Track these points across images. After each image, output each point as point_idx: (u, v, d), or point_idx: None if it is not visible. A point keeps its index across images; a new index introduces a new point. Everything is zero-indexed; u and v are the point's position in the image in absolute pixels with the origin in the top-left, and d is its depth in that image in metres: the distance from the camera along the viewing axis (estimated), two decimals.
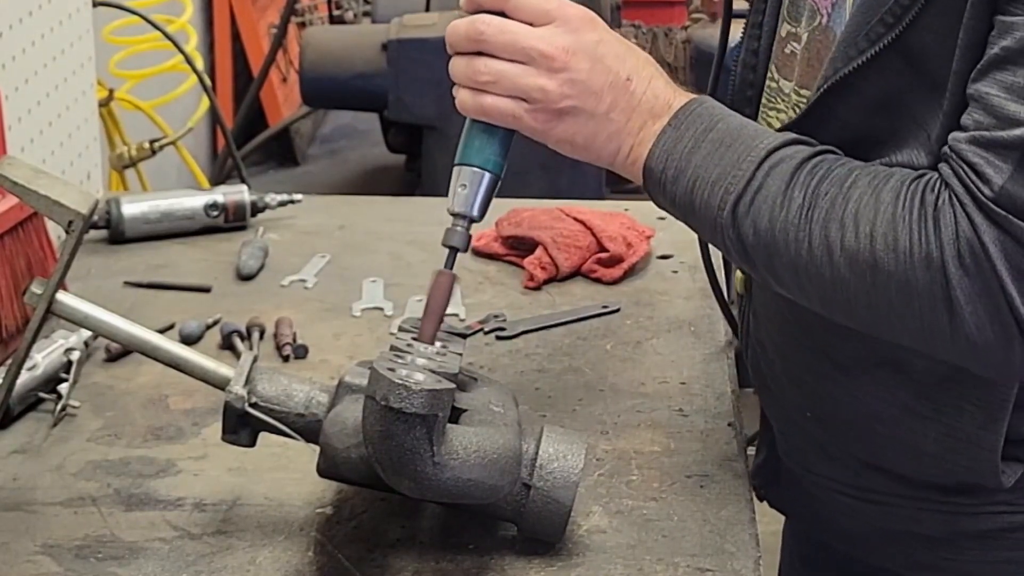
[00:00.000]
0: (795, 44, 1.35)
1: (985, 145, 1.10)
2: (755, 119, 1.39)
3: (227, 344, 1.66)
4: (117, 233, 1.97)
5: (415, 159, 3.44)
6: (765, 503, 1.50)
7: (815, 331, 1.32)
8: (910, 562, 1.40)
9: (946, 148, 1.14)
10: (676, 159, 1.22)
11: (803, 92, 1.32)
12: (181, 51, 2.72)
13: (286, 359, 1.63)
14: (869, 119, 1.22)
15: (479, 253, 1.91)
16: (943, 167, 1.14)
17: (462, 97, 1.23)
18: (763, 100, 1.41)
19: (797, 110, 1.32)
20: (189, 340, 1.66)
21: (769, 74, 1.40)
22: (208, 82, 2.95)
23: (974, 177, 1.11)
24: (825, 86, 1.22)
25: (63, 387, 1.52)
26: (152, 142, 2.96)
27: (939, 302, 1.12)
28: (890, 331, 1.18)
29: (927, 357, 1.25)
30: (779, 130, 1.26)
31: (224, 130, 3.12)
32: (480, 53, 1.21)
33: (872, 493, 1.38)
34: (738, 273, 1.52)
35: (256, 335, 1.66)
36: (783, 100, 1.37)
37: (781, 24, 1.38)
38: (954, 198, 1.11)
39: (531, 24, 1.21)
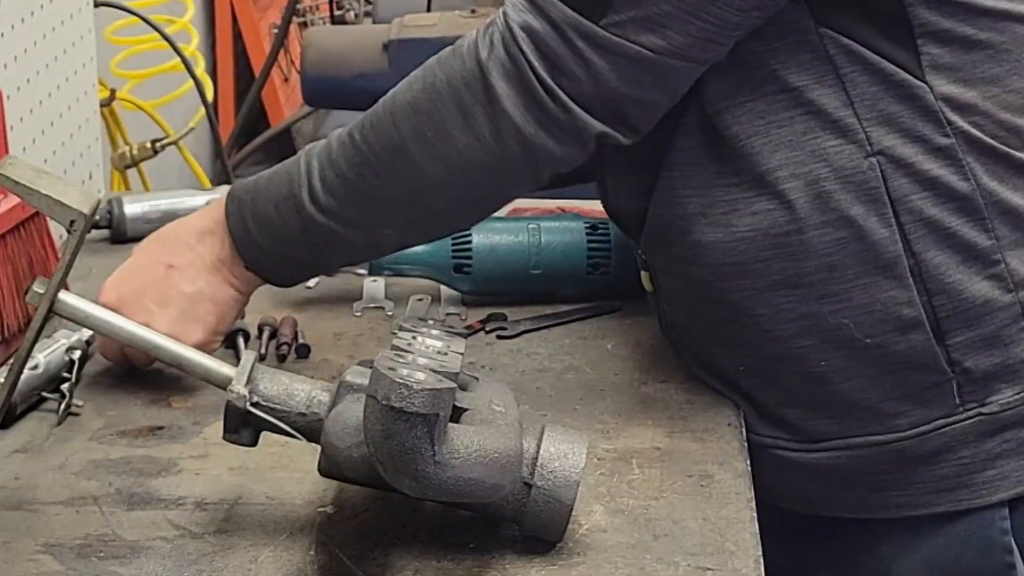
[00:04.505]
0: None
1: None
2: None
3: (229, 343, 1.66)
4: (119, 233, 1.96)
5: None
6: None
7: (710, 285, 1.38)
8: (863, 505, 1.43)
9: None
10: (249, 222, 1.42)
11: None
12: (180, 55, 2.72)
13: (284, 359, 1.63)
14: None
15: None
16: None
17: None
18: None
19: None
20: None
21: None
22: (206, 87, 2.94)
23: None
24: None
25: (65, 386, 1.52)
26: (154, 142, 2.95)
27: (481, 102, 1.30)
28: (472, 180, 1.35)
29: (797, 256, 1.33)
30: None
31: (217, 137, 3.12)
32: None
33: (815, 442, 1.42)
34: (643, 273, 1.54)
35: (267, 334, 1.66)
36: None
37: None
38: (491, 25, 1.31)
39: None
